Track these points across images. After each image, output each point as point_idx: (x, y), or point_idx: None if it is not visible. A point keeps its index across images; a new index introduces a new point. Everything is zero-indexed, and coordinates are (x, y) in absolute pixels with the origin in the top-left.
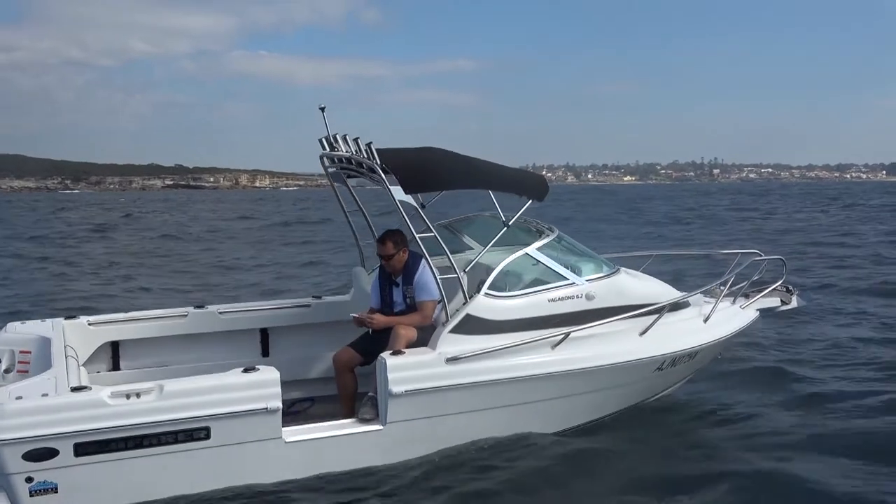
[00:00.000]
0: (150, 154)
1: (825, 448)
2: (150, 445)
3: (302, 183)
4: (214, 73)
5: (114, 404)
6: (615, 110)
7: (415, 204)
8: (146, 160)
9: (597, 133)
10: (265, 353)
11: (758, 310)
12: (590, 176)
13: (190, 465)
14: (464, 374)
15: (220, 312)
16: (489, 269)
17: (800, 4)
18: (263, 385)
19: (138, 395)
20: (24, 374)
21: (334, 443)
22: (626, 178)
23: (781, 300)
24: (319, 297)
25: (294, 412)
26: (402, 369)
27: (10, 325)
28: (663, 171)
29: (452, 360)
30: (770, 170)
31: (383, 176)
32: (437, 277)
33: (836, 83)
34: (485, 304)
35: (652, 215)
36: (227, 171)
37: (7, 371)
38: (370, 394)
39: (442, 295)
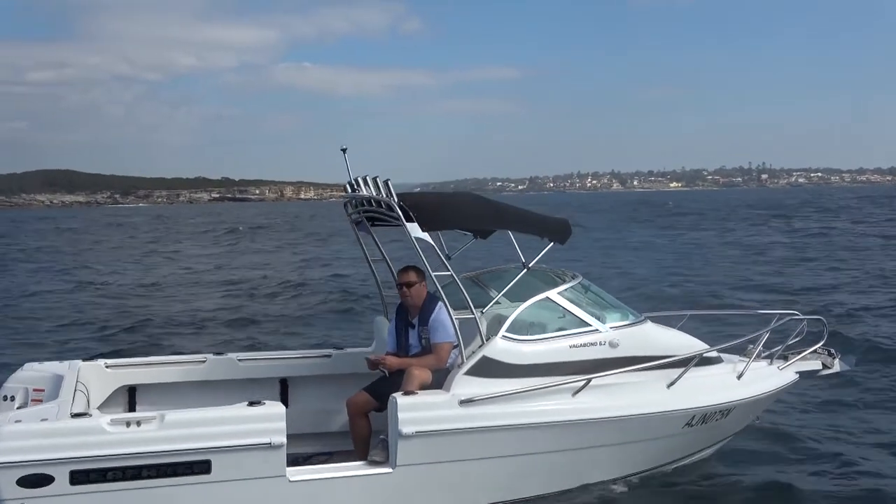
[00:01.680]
0: (197, 167)
1: None
2: (149, 477)
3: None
4: (259, 85)
5: (113, 432)
6: (661, 115)
7: (431, 242)
8: (193, 173)
9: (642, 139)
10: (284, 403)
11: (797, 372)
12: (635, 182)
13: (189, 501)
14: (478, 417)
15: (240, 360)
16: (512, 313)
17: (850, 5)
18: (268, 419)
19: (139, 423)
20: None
21: (341, 484)
22: (672, 185)
23: (823, 363)
24: (341, 348)
25: (309, 465)
26: (414, 409)
27: (27, 364)
28: (710, 177)
29: (466, 402)
30: (819, 174)
31: (399, 213)
32: (454, 319)
33: (888, 84)
34: (502, 347)
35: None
36: (272, 183)
37: (20, 408)
38: (382, 437)
39: (458, 337)
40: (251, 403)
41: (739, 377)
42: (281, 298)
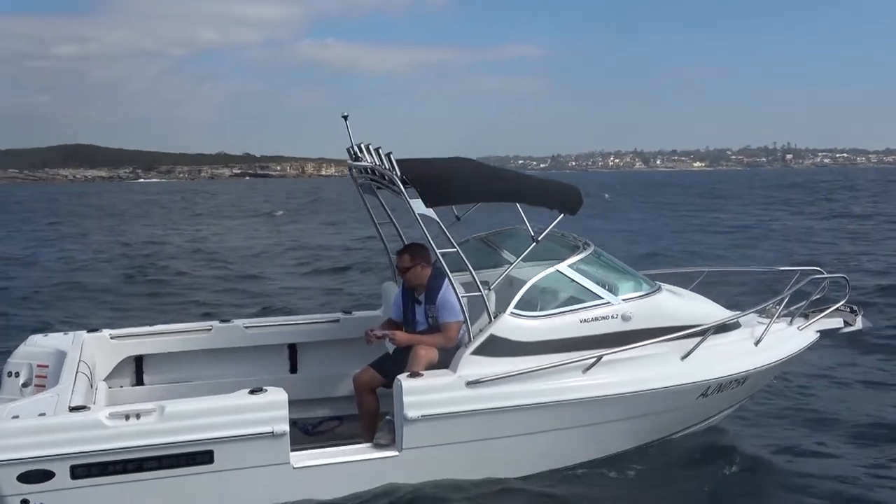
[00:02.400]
0: (220, 143)
1: None
2: (151, 469)
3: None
4: (283, 61)
5: (112, 426)
6: (686, 95)
7: (436, 218)
8: (215, 149)
9: (666, 118)
10: (293, 369)
11: (818, 331)
12: (658, 162)
13: (193, 491)
14: (486, 398)
15: (246, 327)
16: (519, 287)
17: None
18: (270, 408)
19: (138, 416)
20: (41, 388)
21: (346, 469)
22: (695, 165)
23: (845, 321)
24: (349, 312)
25: (320, 431)
26: (419, 392)
27: (31, 337)
28: (734, 157)
29: (474, 383)
30: (846, 154)
31: (402, 188)
32: (461, 297)
33: None
34: (510, 325)
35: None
36: (293, 159)
37: (25, 385)
38: (388, 417)
39: (465, 316)
40: (252, 391)
41: (757, 343)
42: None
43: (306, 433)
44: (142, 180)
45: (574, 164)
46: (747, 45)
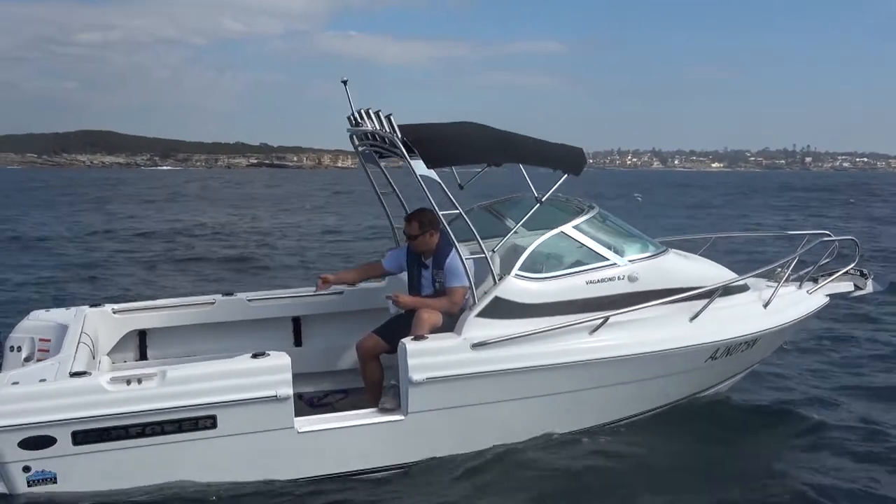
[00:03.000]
0: (238, 132)
1: None
2: (153, 434)
3: (384, 164)
4: (304, 53)
5: (113, 390)
6: (705, 94)
7: (437, 179)
8: (233, 138)
9: (685, 118)
10: (298, 342)
11: (828, 295)
12: (676, 162)
13: (196, 456)
14: (491, 360)
15: (249, 300)
16: (524, 250)
17: None
18: (273, 371)
19: (139, 380)
20: (46, 360)
21: (352, 433)
22: (713, 165)
23: (855, 285)
24: (352, 285)
25: (326, 404)
26: (424, 355)
27: (33, 312)
28: (753, 159)
29: (479, 345)
30: (865, 158)
31: (403, 149)
32: (465, 262)
33: None
34: (515, 287)
35: None
36: (310, 150)
37: (27, 359)
38: (393, 382)
39: (470, 281)
40: (255, 355)
41: (766, 305)
42: None
43: (311, 406)
44: (160, 167)
45: (591, 161)
46: (768, 45)
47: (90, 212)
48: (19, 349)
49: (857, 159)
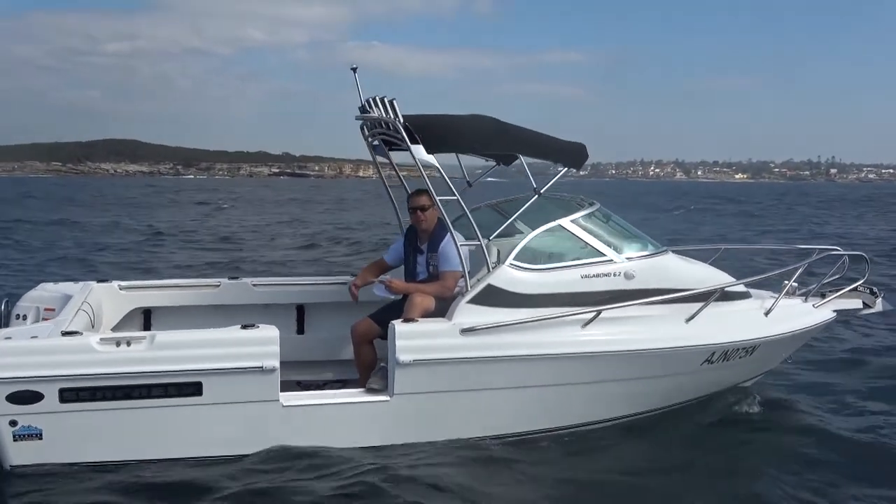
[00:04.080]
0: (260, 142)
1: None
2: (140, 397)
3: (405, 174)
4: (327, 62)
5: (102, 351)
6: (730, 105)
7: (437, 165)
8: (255, 147)
9: (708, 128)
10: (300, 329)
11: (835, 311)
12: (699, 173)
13: (180, 422)
14: (479, 347)
15: (254, 285)
16: (521, 241)
17: None
18: (260, 342)
19: (129, 343)
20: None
21: (336, 410)
22: (737, 176)
23: (864, 302)
24: (357, 276)
25: None
26: (412, 337)
27: (41, 284)
28: (777, 170)
29: (468, 331)
30: (891, 171)
31: (404, 133)
32: (459, 248)
33: None
34: (509, 276)
35: None
36: (331, 160)
37: None
38: (382, 364)
39: (463, 266)
40: (244, 327)
41: (767, 314)
42: None
43: None
44: (184, 176)
45: (614, 172)
46: (793, 55)
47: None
48: (24, 317)
49: (884, 171)
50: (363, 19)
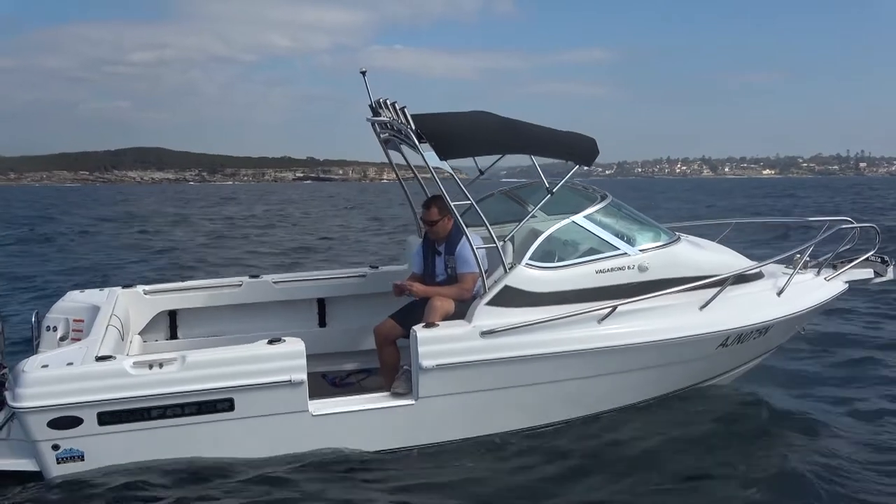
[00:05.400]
0: (284, 147)
1: None
2: (174, 416)
3: (428, 176)
4: (351, 67)
5: (136, 374)
6: (757, 101)
7: (450, 170)
8: (280, 153)
9: (735, 124)
10: (322, 323)
11: (847, 282)
12: (727, 169)
13: (215, 437)
14: (500, 348)
15: (275, 282)
16: (535, 239)
17: None
18: (288, 357)
19: (161, 365)
20: (77, 341)
21: (364, 417)
22: (765, 172)
23: (875, 272)
24: (376, 267)
25: (348, 384)
26: (434, 342)
27: (69, 293)
28: (805, 165)
29: (488, 333)
30: None
31: (416, 141)
32: (475, 249)
33: None
34: (525, 276)
35: None
36: (355, 163)
37: (62, 339)
38: (405, 367)
39: (480, 268)
40: (271, 342)
41: (780, 293)
42: None
43: (333, 385)
44: (216, 182)
45: (640, 170)
46: (820, 49)
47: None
48: (55, 329)
49: None
50: (386, 23)
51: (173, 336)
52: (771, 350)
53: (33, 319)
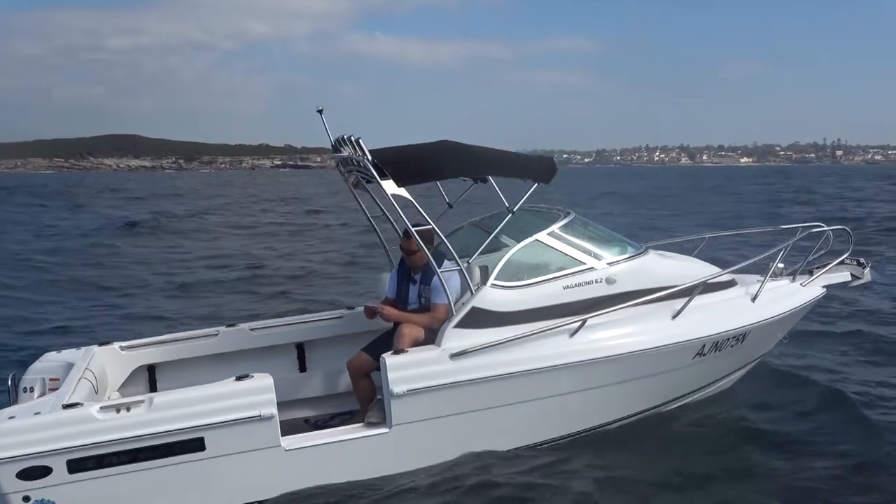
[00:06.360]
0: (262, 135)
1: None
2: (145, 459)
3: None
4: (330, 54)
5: (103, 419)
6: (735, 90)
7: (409, 197)
8: (257, 140)
9: (714, 113)
10: (302, 367)
11: (824, 286)
12: (705, 157)
13: (187, 478)
14: (470, 369)
15: (252, 329)
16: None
17: None
18: (256, 392)
19: (128, 408)
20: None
21: (338, 449)
22: (742, 160)
23: (852, 274)
24: (352, 308)
25: (332, 426)
26: (403, 368)
27: (45, 354)
28: (782, 153)
29: (458, 355)
30: None
31: (373, 171)
32: (443, 280)
33: None
34: (492, 296)
35: None
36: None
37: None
38: (379, 397)
39: (448, 296)
40: (238, 378)
41: (754, 299)
42: None
43: (317, 428)
44: (192, 171)
45: (619, 158)
46: (798, 37)
47: None
48: (32, 390)
49: (890, 151)
50: (365, 10)
51: (153, 390)
52: (755, 360)
53: (10, 382)
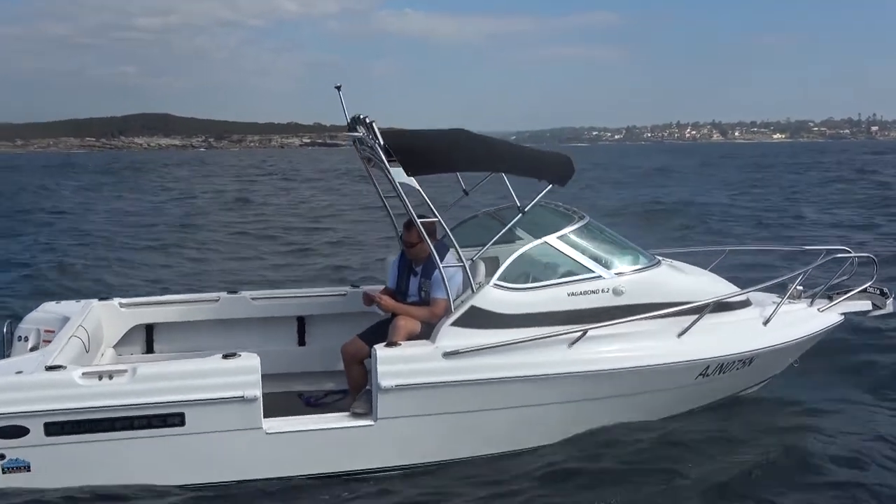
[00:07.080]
0: (291, 113)
1: None
2: (123, 429)
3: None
4: (360, 31)
5: (84, 385)
6: (769, 64)
7: (417, 187)
8: (286, 119)
9: (747, 88)
10: (301, 341)
11: (843, 314)
12: (737, 134)
13: (165, 452)
14: (462, 370)
15: (253, 298)
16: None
17: None
18: (241, 372)
19: (111, 376)
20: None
21: (321, 437)
22: (775, 136)
23: (874, 303)
24: (357, 286)
25: (324, 404)
26: (394, 362)
27: (43, 304)
28: (816, 129)
29: (451, 354)
30: None
31: (383, 156)
32: (444, 275)
33: None
34: (493, 297)
35: None
36: None
37: (33, 349)
38: (367, 388)
39: (447, 292)
40: (226, 356)
41: (766, 322)
42: None
43: (309, 405)
44: (222, 149)
45: (649, 135)
46: (832, 10)
47: None
48: (26, 339)
49: None
50: None
51: (150, 350)
52: (763, 381)
53: (5, 329)
